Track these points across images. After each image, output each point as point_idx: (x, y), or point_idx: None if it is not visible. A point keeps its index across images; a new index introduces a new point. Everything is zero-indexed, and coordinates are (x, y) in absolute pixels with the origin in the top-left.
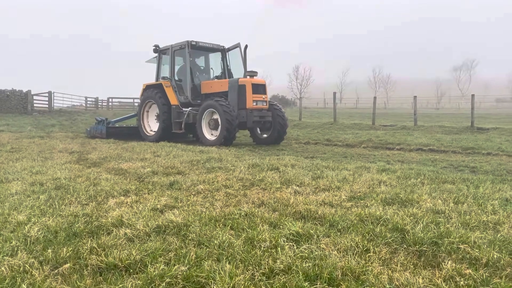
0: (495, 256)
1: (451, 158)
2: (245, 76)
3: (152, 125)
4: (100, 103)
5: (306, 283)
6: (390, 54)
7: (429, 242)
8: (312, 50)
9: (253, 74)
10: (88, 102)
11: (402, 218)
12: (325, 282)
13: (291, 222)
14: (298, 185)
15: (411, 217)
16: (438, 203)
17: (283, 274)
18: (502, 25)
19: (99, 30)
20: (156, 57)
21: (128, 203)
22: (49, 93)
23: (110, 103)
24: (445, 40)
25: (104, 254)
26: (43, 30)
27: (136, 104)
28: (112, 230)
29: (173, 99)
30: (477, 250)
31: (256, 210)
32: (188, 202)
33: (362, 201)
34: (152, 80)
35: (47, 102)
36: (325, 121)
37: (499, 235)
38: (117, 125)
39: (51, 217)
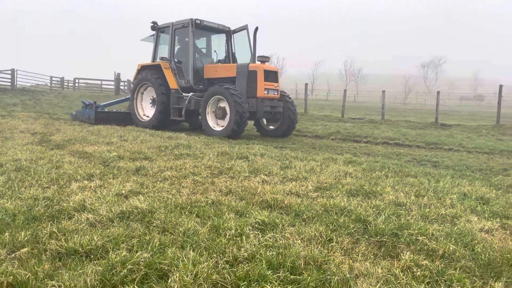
0: (451, 248)
1: (415, 153)
2: (252, 61)
3: (146, 110)
4: (66, 83)
5: (269, 272)
6: (362, 49)
7: (390, 233)
8: (286, 41)
9: (264, 59)
10: (53, 82)
11: (365, 210)
12: (287, 271)
13: (257, 211)
14: (266, 175)
15: (374, 209)
16: (400, 195)
17: (247, 262)
18: (469, 27)
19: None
20: (153, 35)
21: (92, 187)
22: (12, 70)
23: (76, 84)
24: (415, 38)
25: (64, 239)
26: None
27: (105, 86)
28: (74, 215)
29: (172, 83)
30: (434, 242)
31: (223, 198)
32: (154, 189)
33: (328, 192)
34: (118, 65)
35: (9, 80)
36: None
37: (455, 228)
38: (106, 110)
39: (9, 200)
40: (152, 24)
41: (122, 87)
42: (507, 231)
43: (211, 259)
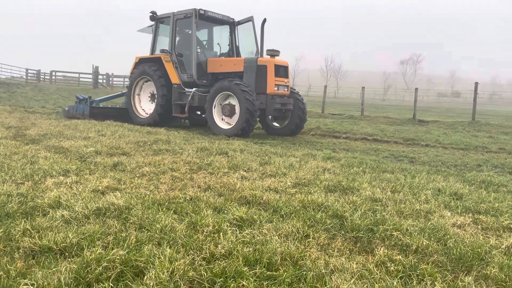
0: (424, 243)
1: (393, 148)
2: (258, 55)
3: (145, 106)
4: (43, 76)
5: (246, 268)
6: (343, 45)
7: (366, 229)
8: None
9: (274, 53)
10: (29, 75)
11: (342, 205)
12: (264, 267)
13: (235, 207)
14: (245, 170)
15: (351, 205)
16: (376, 191)
17: (224, 259)
18: (446, 26)
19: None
20: (151, 26)
21: (68, 183)
22: None
23: (53, 77)
24: (394, 36)
25: (38, 236)
26: None
27: (82, 79)
28: (48, 212)
29: (174, 77)
30: (408, 237)
31: (202, 195)
32: (132, 185)
33: (306, 188)
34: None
35: None
36: None
37: (429, 223)
38: (101, 105)
39: None
40: (151, 14)
41: (100, 81)
42: (478, 226)
43: (188, 256)
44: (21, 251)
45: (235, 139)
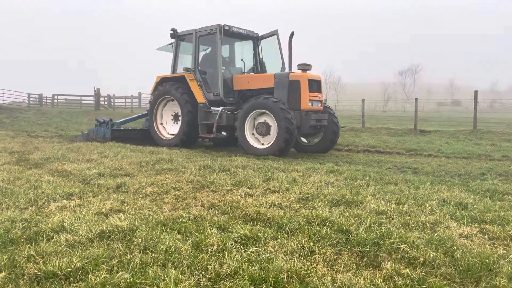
0: (432, 255)
1: (396, 159)
2: (285, 69)
3: (168, 127)
4: (45, 100)
5: (252, 287)
6: (341, 57)
7: (372, 242)
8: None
9: (306, 68)
10: (31, 99)
11: (347, 219)
12: (270, 286)
13: (240, 225)
14: (248, 187)
15: (356, 218)
16: (381, 204)
17: (229, 279)
18: (445, 34)
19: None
20: (171, 44)
21: (71, 207)
22: None
23: (55, 100)
24: (392, 46)
25: (43, 262)
26: None
27: (84, 102)
28: (52, 236)
29: (199, 96)
30: (415, 250)
31: (205, 213)
32: (135, 206)
33: (310, 203)
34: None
35: None
36: None
37: (435, 235)
38: (122, 128)
39: None
40: (171, 32)
41: (102, 102)
42: (485, 236)
43: (193, 276)
44: (25, 277)
45: (237, 156)
